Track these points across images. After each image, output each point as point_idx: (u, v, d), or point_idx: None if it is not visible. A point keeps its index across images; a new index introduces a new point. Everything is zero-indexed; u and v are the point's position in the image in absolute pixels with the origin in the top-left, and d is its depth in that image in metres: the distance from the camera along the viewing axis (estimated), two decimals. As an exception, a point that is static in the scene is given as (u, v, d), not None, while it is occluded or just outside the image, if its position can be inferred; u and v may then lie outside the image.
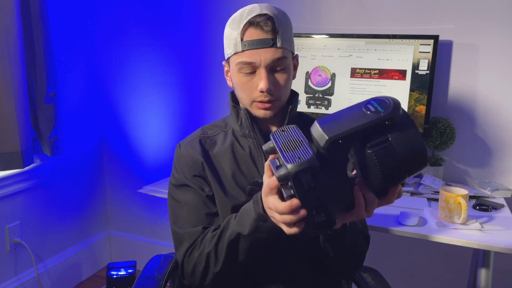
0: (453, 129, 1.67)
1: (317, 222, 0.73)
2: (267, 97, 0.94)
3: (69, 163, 2.22)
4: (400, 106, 0.69)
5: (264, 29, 0.92)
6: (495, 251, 1.25)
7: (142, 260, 2.16)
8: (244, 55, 0.93)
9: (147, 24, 2.19)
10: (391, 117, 0.67)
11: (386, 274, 1.21)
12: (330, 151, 0.69)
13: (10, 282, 1.97)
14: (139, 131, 2.33)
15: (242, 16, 0.94)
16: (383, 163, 0.68)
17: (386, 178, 0.69)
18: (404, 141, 0.67)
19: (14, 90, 1.72)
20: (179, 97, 2.21)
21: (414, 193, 1.60)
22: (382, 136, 0.68)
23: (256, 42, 0.92)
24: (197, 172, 1.01)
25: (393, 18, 1.77)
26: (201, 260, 0.94)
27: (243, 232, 0.86)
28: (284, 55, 0.94)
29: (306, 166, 0.66)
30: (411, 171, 0.69)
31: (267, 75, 0.93)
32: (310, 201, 0.71)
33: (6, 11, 1.67)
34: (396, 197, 0.76)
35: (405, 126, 0.68)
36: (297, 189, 0.70)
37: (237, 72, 0.96)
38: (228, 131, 1.06)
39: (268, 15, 0.92)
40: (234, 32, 0.94)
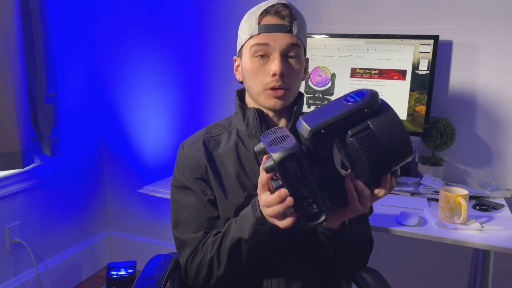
0: (453, 129, 1.67)
1: (309, 213, 0.74)
2: (279, 82, 0.93)
3: (69, 163, 2.22)
4: (378, 95, 0.73)
5: (281, 14, 0.93)
6: (495, 251, 1.25)
7: (142, 260, 2.16)
8: (260, 37, 0.94)
9: (147, 24, 2.19)
10: (369, 105, 0.70)
11: (386, 274, 1.21)
12: (315, 142, 0.72)
13: (10, 282, 1.97)
14: (139, 131, 2.33)
15: (260, 7, 0.96)
16: (366, 149, 0.70)
17: (372, 165, 0.71)
18: (384, 126, 0.70)
19: (14, 90, 1.72)
20: (179, 97, 2.21)
21: (414, 193, 1.59)
22: (363, 124, 0.70)
23: (273, 26, 0.93)
24: (199, 174, 1.00)
25: (393, 18, 1.77)
26: (204, 264, 0.95)
27: (244, 237, 0.86)
28: (299, 43, 0.95)
29: (290, 152, 0.70)
30: (396, 157, 0.71)
31: (281, 59, 0.93)
32: (298, 191, 0.73)
33: (6, 11, 1.67)
34: (388, 188, 0.77)
35: (385, 113, 0.71)
36: (283, 178, 0.72)
37: (251, 57, 0.95)
38: (232, 131, 1.05)
39: (286, 3, 0.95)
40: (251, 19, 0.95)
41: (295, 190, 0.73)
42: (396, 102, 1.67)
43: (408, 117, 1.66)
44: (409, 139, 0.71)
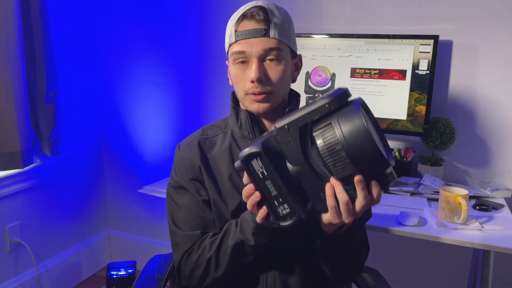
0: (453, 129, 1.67)
1: (281, 214, 0.75)
2: (258, 88, 0.93)
3: (69, 163, 2.22)
4: (346, 94, 0.71)
5: (256, 18, 0.92)
6: (495, 251, 1.25)
7: (142, 260, 2.16)
8: (237, 45, 0.93)
9: (147, 24, 2.19)
10: (331, 102, 0.69)
11: (386, 274, 1.21)
12: (281, 139, 0.73)
13: (10, 282, 1.97)
14: (139, 131, 2.33)
15: (238, 11, 0.96)
16: (327, 146, 0.69)
17: (335, 163, 0.69)
18: (346, 125, 0.68)
19: (14, 90, 1.72)
20: (179, 97, 2.21)
21: (414, 193, 1.59)
22: (326, 121, 0.70)
23: (248, 32, 0.92)
24: (194, 175, 1.01)
25: (393, 18, 1.77)
26: (200, 264, 0.95)
27: (247, 241, 0.88)
28: (278, 46, 0.93)
29: (250, 151, 0.72)
30: (358, 157, 0.67)
31: (258, 65, 0.92)
32: (265, 189, 0.75)
33: (6, 11, 1.67)
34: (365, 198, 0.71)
35: (350, 113, 0.68)
36: (249, 175, 0.75)
37: (233, 65, 0.96)
38: (228, 132, 1.05)
39: (261, 6, 0.93)
40: (231, 25, 0.96)
41: (262, 188, 0.75)
42: (396, 102, 1.67)
43: (408, 117, 1.66)
44: (370, 139, 0.66)
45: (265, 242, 0.87)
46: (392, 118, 1.69)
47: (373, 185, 0.71)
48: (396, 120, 1.68)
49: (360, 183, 0.70)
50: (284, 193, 0.74)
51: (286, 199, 0.74)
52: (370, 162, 0.67)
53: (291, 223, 0.75)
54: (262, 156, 0.72)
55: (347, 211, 0.73)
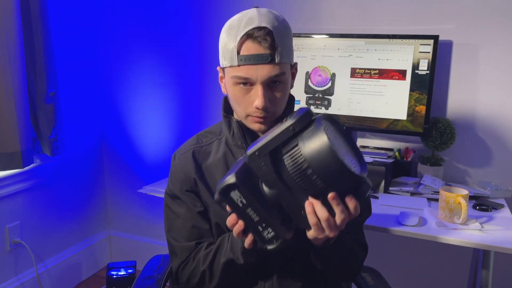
0: (453, 129, 1.66)
1: (266, 238, 0.77)
2: (262, 114, 0.91)
3: (69, 163, 2.22)
4: (309, 114, 0.72)
5: (262, 44, 0.87)
6: (495, 251, 1.25)
7: (142, 260, 2.16)
8: (240, 70, 0.88)
9: (147, 24, 2.19)
10: (295, 124, 0.71)
11: (386, 274, 1.21)
12: (254, 166, 0.73)
13: (10, 282, 1.97)
14: (139, 131, 2.33)
15: (240, 26, 0.88)
16: (295, 168, 0.70)
17: (306, 183, 0.70)
18: (310, 145, 0.68)
19: (14, 90, 1.72)
20: (179, 97, 2.21)
21: (414, 193, 1.59)
22: (293, 143, 0.71)
23: (253, 57, 0.87)
24: (189, 187, 1.01)
25: (393, 18, 1.77)
26: (195, 275, 0.98)
27: (237, 260, 0.89)
28: (283, 70, 0.90)
29: (226, 184, 0.74)
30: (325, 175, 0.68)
31: (264, 92, 0.88)
32: (247, 217, 0.76)
33: (6, 11, 1.67)
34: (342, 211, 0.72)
35: (313, 132, 0.69)
36: (230, 207, 0.76)
37: (233, 85, 0.92)
38: (222, 139, 1.04)
39: (267, 29, 0.87)
40: (231, 43, 0.89)
41: (244, 216, 0.76)
42: (396, 102, 1.67)
43: (408, 117, 1.66)
44: (337, 158, 0.66)
45: (255, 260, 0.88)
46: (392, 118, 1.69)
47: (347, 199, 0.72)
48: (396, 120, 1.68)
49: (333, 200, 0.71)
50: (266, 218, 0.75)
51: (269, 224, 0.75)
52: (338, 178, 0.69)
53: (277, 246, 0.77)
54: (239, 186, 0.73)
55: (328, 226, 0.74)
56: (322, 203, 0.72)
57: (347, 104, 1.74)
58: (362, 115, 1.72)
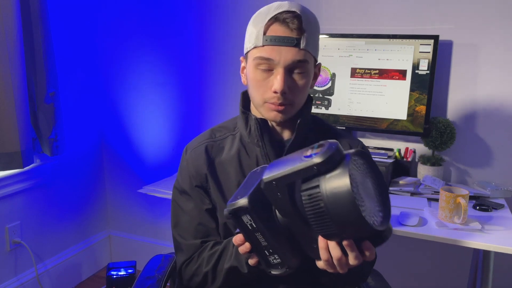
0: (453, 129, 1.67)
1: (272, 263, 0.75)
2: (279, 100, 0.89)
3: (69, 163, 2.22)
4: (337, 154, 0.67)
5: (289, 26, 0.86)
6: (495, 251, 1.25)
7: (142, 260, 2.16)
8: (264, 50, 0.87)
9: (147, 24, 2.19)
10: (320, 165, 0.65)
11: (386, 274, 1.21)
12: (269, 193, 0.70)
13: (10, 282, 1.97)
14: (139, 131, 2.33)
15: (270, 10, 0.88)
16: (312, 208, 0.66)
17: (318, 224, 0.67)
18: (331, 190, 0.64)
19: (14, 90, 1.72)
20: (179, 97, 2.21)
21: (414, 193, 1.59)
22: (314, 182, 0.66)
23: (278, 38, 0.86)
24: (199, 182, 0.99)
25: (393, 18, 1.77)
26: (198, 274, 0.97)
27: (241, 269, 0.88)
28: (306, 58, 0.89)
29: (238, 206, 0.71)
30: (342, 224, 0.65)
31: (284, 76, 0.87)
32: (255, 240, 0.74)
33: (6, 11, 1.67)
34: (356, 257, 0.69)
35: (337, 177, 0.65)
36: (239, 227, 0.74)
37: (254, 68, 0.91)
38: (236, 135, 1.02)
39: (296, 12, 0.87)
40: (258, 25, 0.89)
41: (252, 239, 0.74)
42: (396, 102, 1.67)
43: (408, 117, 1.66)
44: (359, 213, 0.63)
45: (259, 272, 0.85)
46: (392, 118, 1.69)
47: (365, 246, 0.69)
48: (396, 120, 1.68)
49: (348, 246, 0.68)
50: (274, 245, 0.73)
51: (276, 250, 0.74)
52: (355, 229, 0.65)
53: (282, 273, 0.75)
54: (250, 211, 0.71)
55: (340, 265, 0.71)
56: (336, 243, 0.69)
57: (347, 104, 1.74)
58: (362, 115, 1.72)
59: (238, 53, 2.02)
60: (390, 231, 0.71)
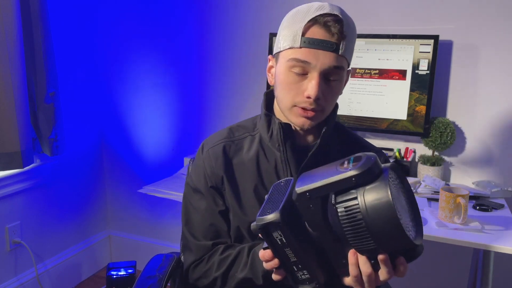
0: (453, 129, 1.67)
1: (300, 278, 0.73)
2: (312, 105, 0.85)
3: (69, 163, 2.22)
4: (376, 167, 0.66)
5: (331, 30, 0.82)
6: (495, 251, 1.25)
7: (142, 260, 2.16)
8: (301, 52, 0.84)
9: (147, 24, 2.19)
10: (358, 177, 0.64)
11: (386, 274, 1.21)
12: (301, 206, 0.69)
13: (10, 282, 1.97)
14: (139, 131, 2.33)
15: (310, 11, 0.84)
16: (349, 220, 0.65)
17: (354, 238, 0.66)
18: (370, 202, 0.63)
19: (14, 90, 1.72)
20: (179, 97, 2.21)
21: (414, 193, 1.60)
22: (351, 194, 0.65)
23: (318, 42, 0.82)
24: (214, 183, 0.97)
25: (393, 18, 1.77)
26: (207, 276, 0.95)
27: (256, 280, 0.86)
28: (343, 64, 0.86)
29: (269, 221, 0.68)
30: (380, 236, 0.64)
31: (319, 82, 0.84)
32: (284, 256, 0.72)
33: (6, 11, 1.67)
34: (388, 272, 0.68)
35: (378, 189, 0.64)
36: (268, 243, 0.72)
37: (287, 70, 0.87)
38: (256, 136, 0.99)
39: (338, 16, 0.83)
40: (296, 25, 0.84)
41: (281, 254, 0.72)
42: (396, 102, 1.67)
43: (408, 117, 1.67)
44: (399, 225, 0.62)
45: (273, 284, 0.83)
46: (392, 118, 1.69)
47: (399, 262, 0.68)
48: (396, 120, 1.68)
49: (383, 261, 0.66)
50: (304, 260, 0.71)
51: (305, 266, 0.72)
52: (393, 241, 0.64)
53: None
54: (282, 226, 0.68)
55: (369, 281, 0.69)
56: (367, 258, 0.68)
57: (347, 104, 1.74)
58: (362, 115, 1.73)
59: (238, 54, 2.02)
60: (422, 248, 0.69)
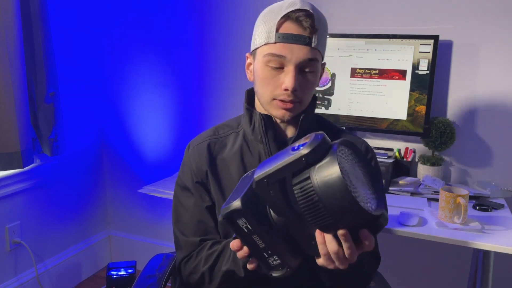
0: (453, 129, 1.67)
1: (272, 265, 0.74)
2: (290, 97, 0.90)
3: (69, 163, 2.22)
4: (324, 144, 0.67)
5: (302, 25, 0.87)
6: (495, 251, 1.25)
7: (142, 260, 2.16)
8: (276, 47, 0.88)
9: (147, 24, 2.19)
10: (308, 156, 0.66)
11: (386, 274, 1.21)
12: (262, 192, 0.70)
13: (10, 282, 1.97)
14: (139, 131, 2.33)
15: (282, 8, 0.89)
16: (305, 200, 0.66)
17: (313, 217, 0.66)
18: (322, 179, 0.64)
19: (14, 90, 1.72)
20: (179, 97, 2.21)
21: (414, 193, 1.60)
22: (304, 174, 0.67)
23: (291, 36, 0.87)
24: (199, 179, 1.00)
25: (393, 18, 1.77)
26: (196, 273, 0.97)
27: (238, 273, 0.88)
28: (316, 57, 0.90)
29: (231, 209, 0.70)
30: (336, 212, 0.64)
31: (295, 74, 0.88)
32: (252, 243, 0.73)
33: (6, 11, 1.67)
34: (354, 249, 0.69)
35: (326, 165, 0.65)
36: (235, 232, 0.73)
37: (264, 65, 0.91)
38: (240, 132, 1.03)
39: (309, 11, 0.88)
40: (270, 22, 0.89)
41: (249, 242, 0.73)
42: (396, 102, 1.67)
43: (408, 117, 1.67)
44: (352, 198, 0.63)
45: (256, 275, 0.85)
46: (392, 118, 1.69)
47: (362, 234, 0.68)
48: (396, 120, 1.68)
49: (342, 236, 0.67)
50: (272, 246, 0.72)
51: (275, 251, 0.73)
52: (350, 215, 0.65)
53: (283, 274, 0.74)
54: (244, 213, 0.70)
55: (338, 259, 0.71)
56: (333, 236, 0.69)
57: (347, 104, 1.74)
58: (362, 115, 1.73)
59: (238, 53, 2.02)
60: (385, 219, 0.69)
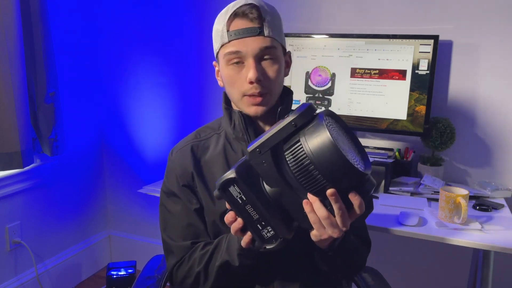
0: (453, 129, 1.67)
1: (265, 237, 0.76)
2: (257, 89, 0.90)
3: (69, 163, 2.22)
4: (311, 109, 0.71)
5: (249, 17, 0.89)
6: (495, 251, 1.25)
7: (142, 260, 2.16)
8: (231, 45, 0.90)
9: (146, 24, 2.19)
10: (297, 119, 0.69)
11: (386, 274, 1.21)
12: (255, 162, 0.72)
13: (10, 282, 1.97)
14: (139, 131, 2.33)
15: (228, 9, 0.92)
16: (297, 164, 0.68)
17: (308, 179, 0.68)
18: (312, 141, 0.67)
19: (14, 90, 1.72)
20: (179, 97, 2.21)
21: (414, 193, 1.60)
22: (294, 139, 0.69)
23: (242, 31, 0.89)
24: (186, 182, 1.00)
25: (393, 18, 1.77)
26: (190, 275, 0.97)
27: (232, 262, 0.88)
28: (273, 44, 0.91)
29: (226, 178, 0.73)
30: (328, 171, 0.66)
31: (255, 65, 0.89)
32: (246, 214, 0.75)
33: (6, 11, 1.67)
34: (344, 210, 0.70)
35: (315, 128, 0.68)
36: (229, 203, 0.75)
37: (226, 66, 0.92)
38: (221, 133, 1.03)
39: (253, 4, 0.90)
40: (221, 24, 0.92)
41: (243, 214, 0.75)
42: (396, 102, 1.67)
43: (408, 117, 1.66)
44: (342, 156, 0.65)
45: (251, 262, 0.87)
46: (392, 118, 1.69)
47: (351, 196, 0.69)
48: (396, 120, 1.68)
49: (332, 196, 0.68)
50: (266, 216, 0.74)
51: (269, 222, 0.74)
52: (341, 175, 0.67)
53: (276, 245, 0.75)
54: (238, 182, 0.72)
55: (330, 225, 0.72)
56: (321, 201, 0.70)
57: (347, 104, 1.74)
58: (362, 115, 1.72)
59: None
60: (372, 184, 0.71)
